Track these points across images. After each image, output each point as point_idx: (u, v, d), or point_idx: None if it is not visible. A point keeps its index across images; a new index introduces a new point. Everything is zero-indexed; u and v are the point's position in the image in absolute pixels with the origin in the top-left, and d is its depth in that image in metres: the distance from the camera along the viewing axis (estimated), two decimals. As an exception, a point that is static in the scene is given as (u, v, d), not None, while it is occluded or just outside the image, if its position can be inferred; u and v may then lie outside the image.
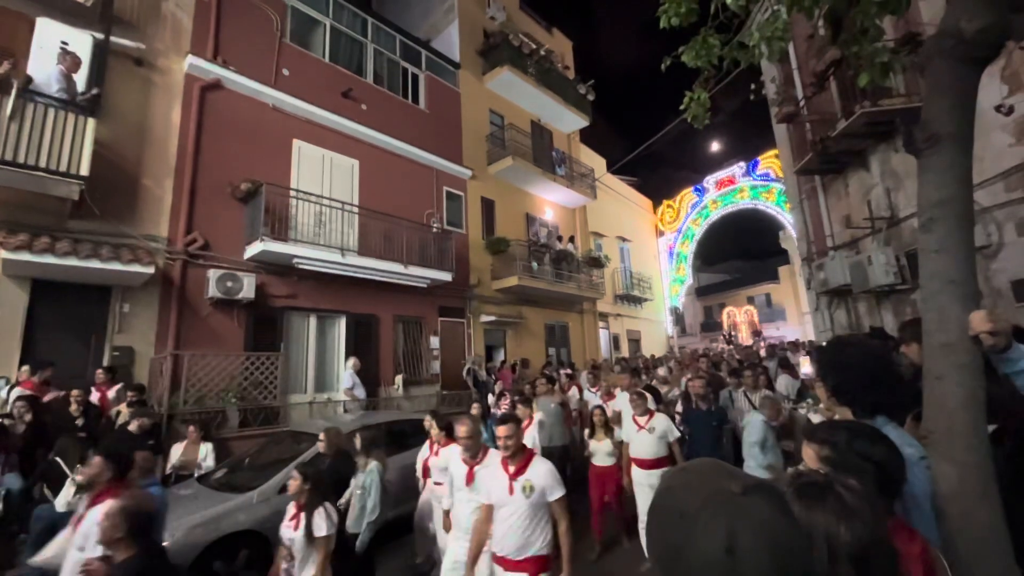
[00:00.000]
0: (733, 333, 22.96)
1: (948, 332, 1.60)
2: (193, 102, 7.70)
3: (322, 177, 9.26)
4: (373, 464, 3.79)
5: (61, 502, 4.23)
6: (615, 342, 17.28)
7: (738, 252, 37.35)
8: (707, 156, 35.09)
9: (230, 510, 4.19)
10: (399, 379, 9.52)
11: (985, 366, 1.55)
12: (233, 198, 7.91)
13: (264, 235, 7.53)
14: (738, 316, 26.53)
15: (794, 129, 8.33)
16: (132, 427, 4.99)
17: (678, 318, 22.23)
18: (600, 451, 4.88)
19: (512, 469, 2.70)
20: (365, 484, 3.69)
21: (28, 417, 4.58)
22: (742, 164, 19.44)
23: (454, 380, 10.41)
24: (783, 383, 7.35)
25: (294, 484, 3.14)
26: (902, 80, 5.96)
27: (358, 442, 4.10)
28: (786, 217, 17.54)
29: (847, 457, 1.30)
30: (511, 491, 2.63)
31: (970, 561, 1.39)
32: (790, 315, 27.11)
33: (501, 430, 2.74)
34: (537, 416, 5.46)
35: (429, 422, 4.66)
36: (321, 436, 4.52)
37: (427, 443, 4.69)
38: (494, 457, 3.12)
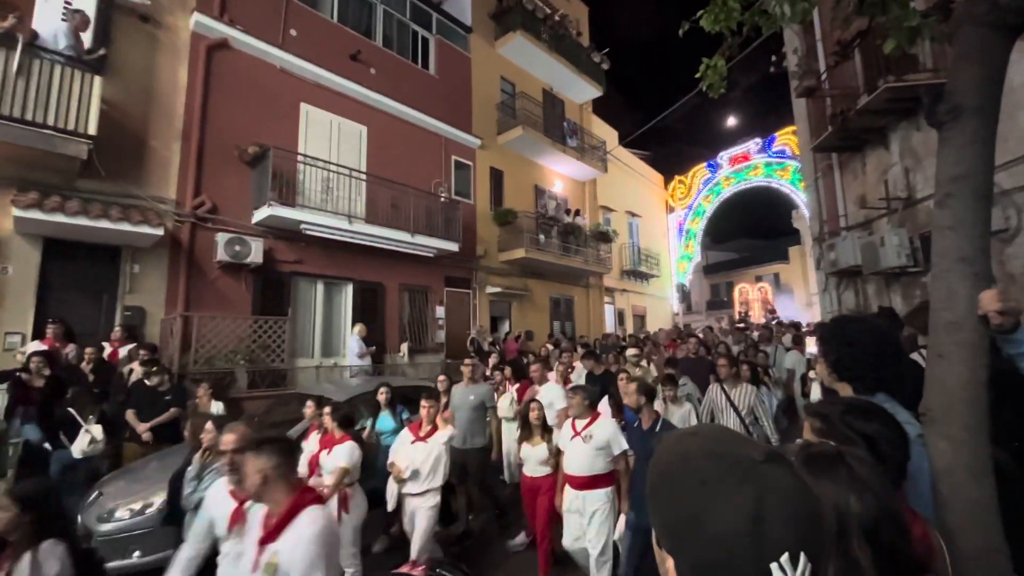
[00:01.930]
0: (746, 312, 22.77)
1: (955, 310, 1.58)
2: (200, 62, 7.58)
3: (330, 142, 9.17)
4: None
5: (77, 449, 4.42)
6: (620, 318, 17.32)
7: (748, 231, 36.96)
8: (722, 131, 34.27)
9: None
10: (404, 347, 9.64)
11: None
12: (241, 161, 7.88)
13: (272, 200, 7.52)
14: (751, 293, 26.29)
15: (814, 104, 8.09)
16: (152, 382, 5.15)
17: (684, 295, 22.16)
18: (532, 458, 3.90)
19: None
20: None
21: (46, 372, 4.71)
22: (758, 140, 18.99)
23: (458, 350, 10.53)
24: (792, 359, 7.41)
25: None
26: (929, 53, 5.73)
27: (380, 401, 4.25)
28: (800, 196, 17.21)
29: (837, 430, 1.30)
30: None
31: (958, 536, 1.40)
32: (798, 296, 26.91)
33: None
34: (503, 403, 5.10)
35: (314, 409, 4.17)
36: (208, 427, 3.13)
37: (313, 434, 3.98)
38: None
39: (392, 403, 4.90)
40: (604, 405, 4.35)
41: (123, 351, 6.09)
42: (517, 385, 5.95)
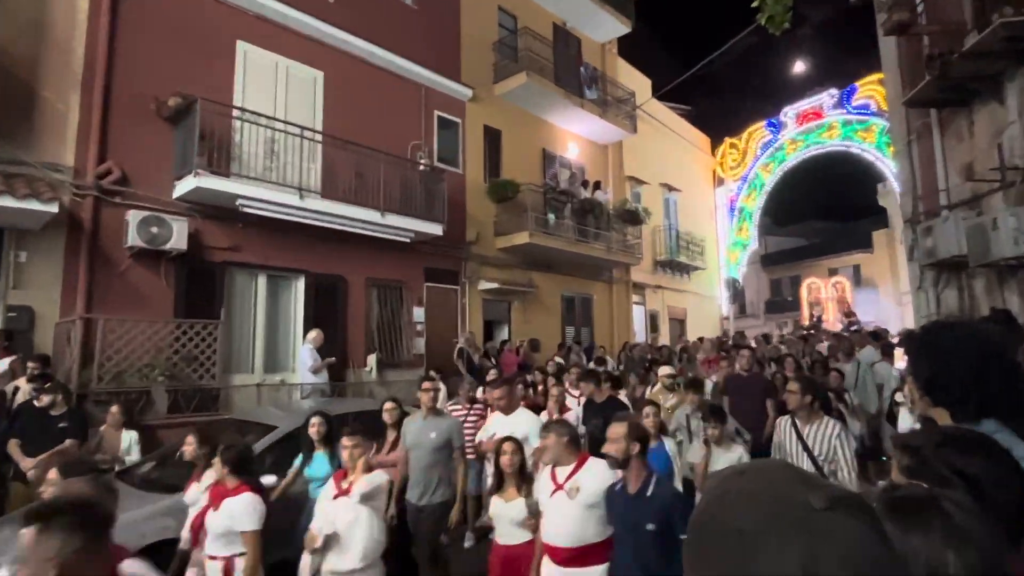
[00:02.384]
0: (819, 316, 22.74)
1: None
2: (105, -13, 7.56)
3: (275, 93, 9.15)
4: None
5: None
6: (652, 322, 17.33)
7: (820, 210, 36.92)
8: (786, 80, 34.15)
9: (157, 513, 4.33)
10: (372, 359, 9.65)
11: None
12: (159, 117, 7.85)
13: (199, 168, 7.51)
14: (823, 291, 26.25)
15: (907, 45, 8.05)
16: (42, 403, 5.16)
17: (737, 293, 22.18)
18: (505, 517, 3.65)
19: None
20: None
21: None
22: (834, 92, 18.95)
23: (442, 363, 10.52)
24: (883, 372, 7.43)
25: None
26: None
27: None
28: (888, 165, 17.18)
29: (932, 468, 1.29)
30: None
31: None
32: (884, 295, 26.93)
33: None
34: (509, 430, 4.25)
35: (195, 449, 4.01)
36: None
37: (199, 484, 3.87)
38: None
39: (329, 439, 4.67)
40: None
41: (3, 364, 6.09)
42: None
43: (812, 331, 15.64)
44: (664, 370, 6.97)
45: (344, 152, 9.20)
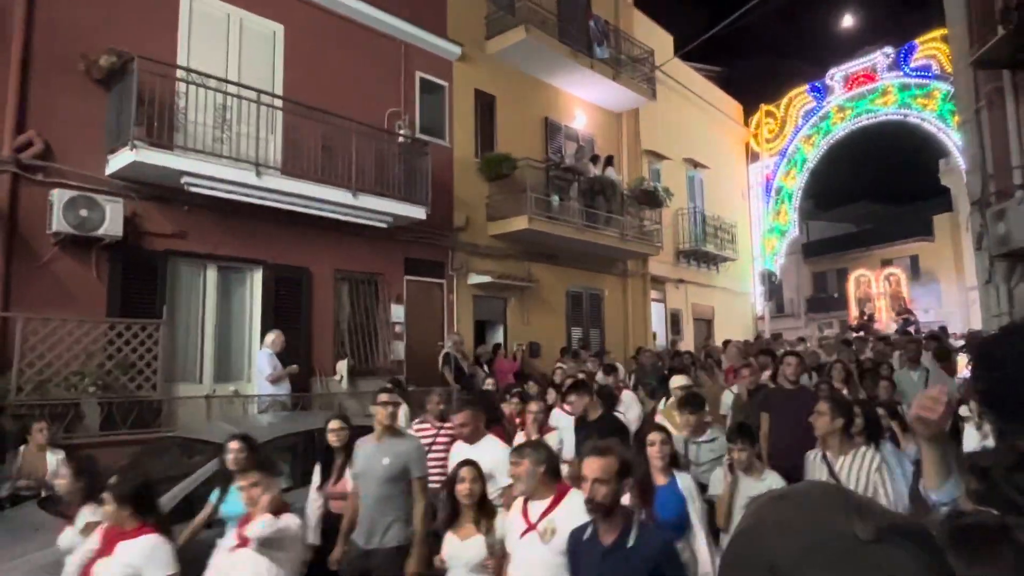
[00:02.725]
0: (869, 315, 22.80)
1: None
2: (23, -77, 7.50)
3: (227, 51, 9.11)
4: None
5: None
6: (674, 323, 17.34)
7: (872, 191, 37.05)
8: (833, 37, 34.10)
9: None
10: (343, 366, 9.65)
11: None
12: (89, 79, 7.81)
13: (136, 139, 7.46)
14: (874, 285, 26.29)
15: (975, -6, 8.05)
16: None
17: (773, 289, 22.24)
18: (459, 558, 3.58)
19: None
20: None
21: None
22: (888, 51, 18.95)
23: (425, 370, 10.54)
24: (941, 381, 7.44)
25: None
26: None
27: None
28: (951, 137, 17.19)
29: (1000, 493, 1.31)
30: None
31: None
32: (947, 290, 27.05)
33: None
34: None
35: (70, 482, 3.90)
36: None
37: (74, 526, 3.76)
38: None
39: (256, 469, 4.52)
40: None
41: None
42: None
43: (862, 332, 15.67)
44: (677, 381, 6.44)
45: (309, 121, 9.14)
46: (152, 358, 7.46)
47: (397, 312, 10.66)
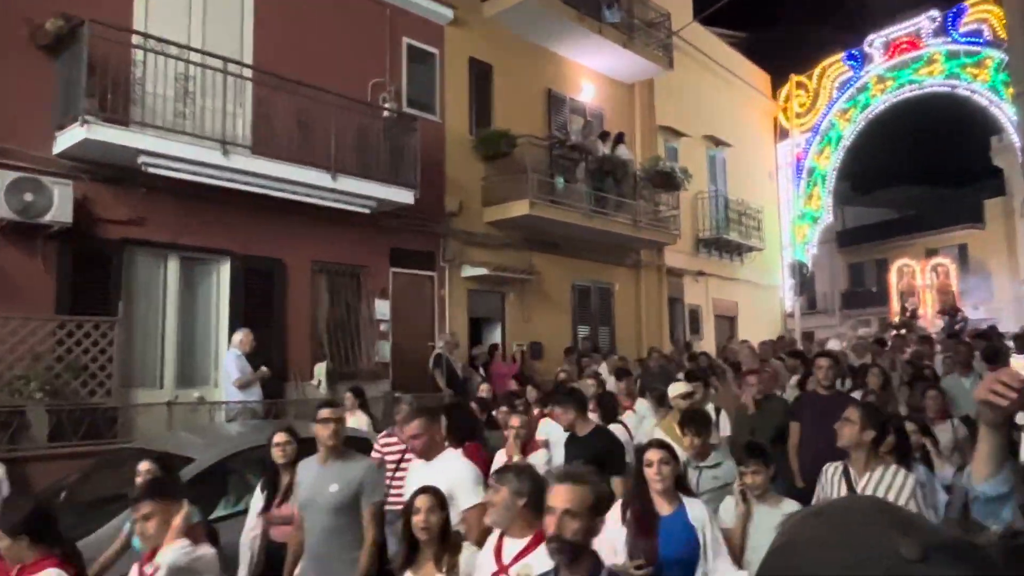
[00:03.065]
0: (912, 308, 22.74)
1: None
2: None
3: (189, 13, 9.07)
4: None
5: None
6: (693, 320, 17.33)
7: (916, 172, 36.94)
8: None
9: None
10: (321, 369, 9.64)
11: None
12: (34, 46, 7.76)
13: (88, 114, 7.43)
14: (919, 276, 26.21)
15: (1032, -50, 8.01)
16: None
17: (805, 282, 22.23)
18: None
19: None
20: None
21: None
22: (935, 14, 18.91)
23: (413, 374, 10.54)
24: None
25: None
26: None
27: None
28: (1005, 111, 17.16)
29: None
30: None
31: None
32: (999, 283, 27.04)
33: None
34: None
35: None
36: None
37: None
38: None
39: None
40: (613, 513, 3.57)
41: None
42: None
43: (903, 331, 15.66)
44: (676, 388, 6.14)
45: (282, 94, 9.10)
46: (107, 360, 7.43)
47: (382, 308, 10.64)
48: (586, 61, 14.57)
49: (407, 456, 5.16)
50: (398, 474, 5.12)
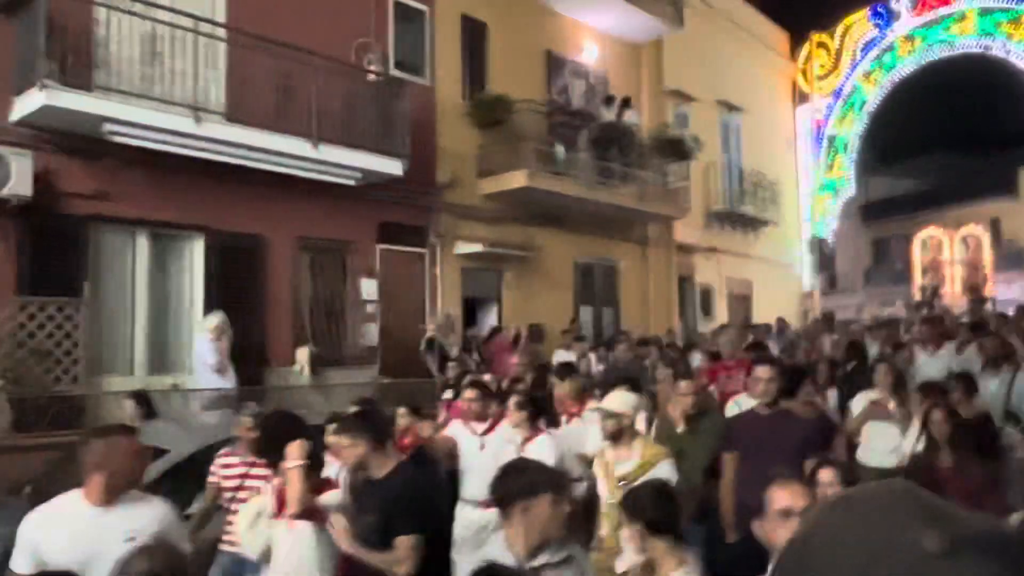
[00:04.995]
0: (934, 285, 22.68)
1: None
2: None
3: (157, -32, 9.00)
4: None
5: None
6: (705, 300, 17.34)
7: (946, 139, 36.78)
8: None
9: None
10: (304, 354, 9.65)
11: None
12: (-13, 5, 7.73)
13: (47, 78, 7.38)
14: (947, 248, 25.89)
15: None
16: None
17: (825, 259, 22.23)
18: None
19: None
20: None
21: None
22: (968, -34, 18.81)
23: (404, 358, 10.57)
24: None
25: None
26: None
27: None
28: (1043, 72, 17.09)
29: None
30: None
31: None
32: (1034, 260, 27.04)
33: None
34: None
35: None
36: None
37: None
38: None
39: None
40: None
41: None
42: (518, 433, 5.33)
43: (925, 311, 15.65)
44: (612, 401, 4.67)
45: (259, 55, 9.04)
46: (72, 345, 7.46)
47: (369, 288, 10.65)
48: (589, 19, 14.47)
49: (246, 483, 4.75)
50: (234, 505, 4.57)
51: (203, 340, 8.35)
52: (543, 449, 5.07)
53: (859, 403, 6.45)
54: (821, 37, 21.41)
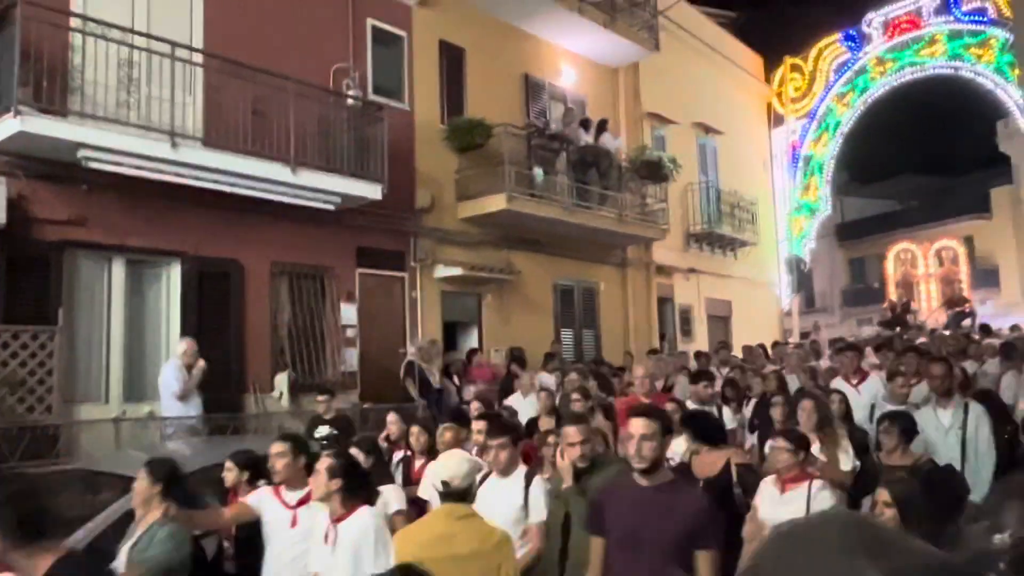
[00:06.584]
0: (903, 300, 22.81)
1: None
2: None
3: (133, -6, 9.01)
4: None
5: None
6: (684, 320, 17.42)
7: (919, 160, 37.41)
8: (871, -26, 34.53)
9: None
10: (282, 380, 9.60)
11: None
12: (-40, 30, 7.67)
13: (22, 104, 7.36)
14: (921, 263, 25.61)
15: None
16: None
17: (803, 279, 22.36)
18: None
19: None
20: None
21: None
22: (936, -9, 19.16)
23: (384, 384, 10.52)
24: (1008, 383, 7.55)
25: None
26: None
27: None
28: (1012, 94, 17.44)
29: None
30: None
31: None
32: (1007, 277, 27.40)
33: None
34: None
35: None
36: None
37: None
38: None
39: None
40: None
41: None
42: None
43: (897, 329, 15.75)
44: (441, 470, 3.75)
45: (236, 81, 9.06)
46: (46, 373, 7.36)
47: (348, 313, 10.61)
48: (566, 43, 14.60)
49: None
50: None
51: (170, 367, 8.23)
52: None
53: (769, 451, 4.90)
54: (795, 60, 21.69)
